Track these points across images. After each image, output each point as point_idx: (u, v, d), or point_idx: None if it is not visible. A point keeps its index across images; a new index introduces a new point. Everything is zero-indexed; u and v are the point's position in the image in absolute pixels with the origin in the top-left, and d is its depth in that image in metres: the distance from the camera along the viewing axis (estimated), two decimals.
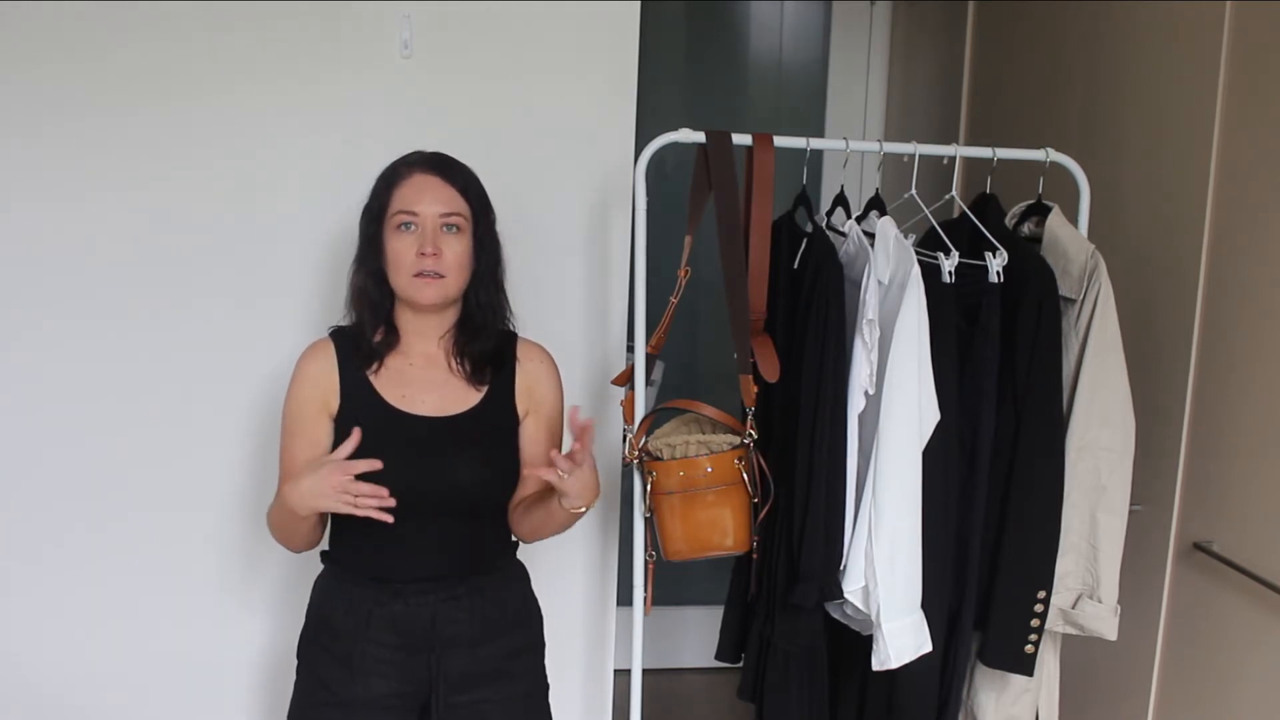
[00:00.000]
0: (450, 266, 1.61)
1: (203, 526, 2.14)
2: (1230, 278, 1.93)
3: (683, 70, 3.28)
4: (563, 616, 2.17)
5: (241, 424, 2.12)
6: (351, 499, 1.47)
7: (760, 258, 1.86)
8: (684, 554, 1.86)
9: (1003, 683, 1.98)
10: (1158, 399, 2.06)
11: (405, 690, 1.65)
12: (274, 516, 1.64)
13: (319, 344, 1.69)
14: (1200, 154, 1.98)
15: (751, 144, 1.88)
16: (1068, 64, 2.47)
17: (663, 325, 1.93)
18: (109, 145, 2.02)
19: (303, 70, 2.05)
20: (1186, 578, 2.03)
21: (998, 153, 1.99)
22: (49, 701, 2.13)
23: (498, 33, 2.10)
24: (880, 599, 1.78)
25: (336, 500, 1.47)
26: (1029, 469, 1.88)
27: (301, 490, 1.50)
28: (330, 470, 1.48)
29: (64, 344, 2.05)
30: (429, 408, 1.64)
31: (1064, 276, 1.91)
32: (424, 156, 1.66)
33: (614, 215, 2.19)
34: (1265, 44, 1.86)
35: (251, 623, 2.18)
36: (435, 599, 1.64)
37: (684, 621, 3.26)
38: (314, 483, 1.49)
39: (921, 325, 1.80)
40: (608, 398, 2.23)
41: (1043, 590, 1.87)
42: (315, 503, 1.50)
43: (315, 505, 1.51)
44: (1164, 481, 2.05)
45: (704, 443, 1.84)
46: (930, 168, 2.11)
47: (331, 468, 1.49)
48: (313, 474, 1.50)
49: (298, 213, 2.08)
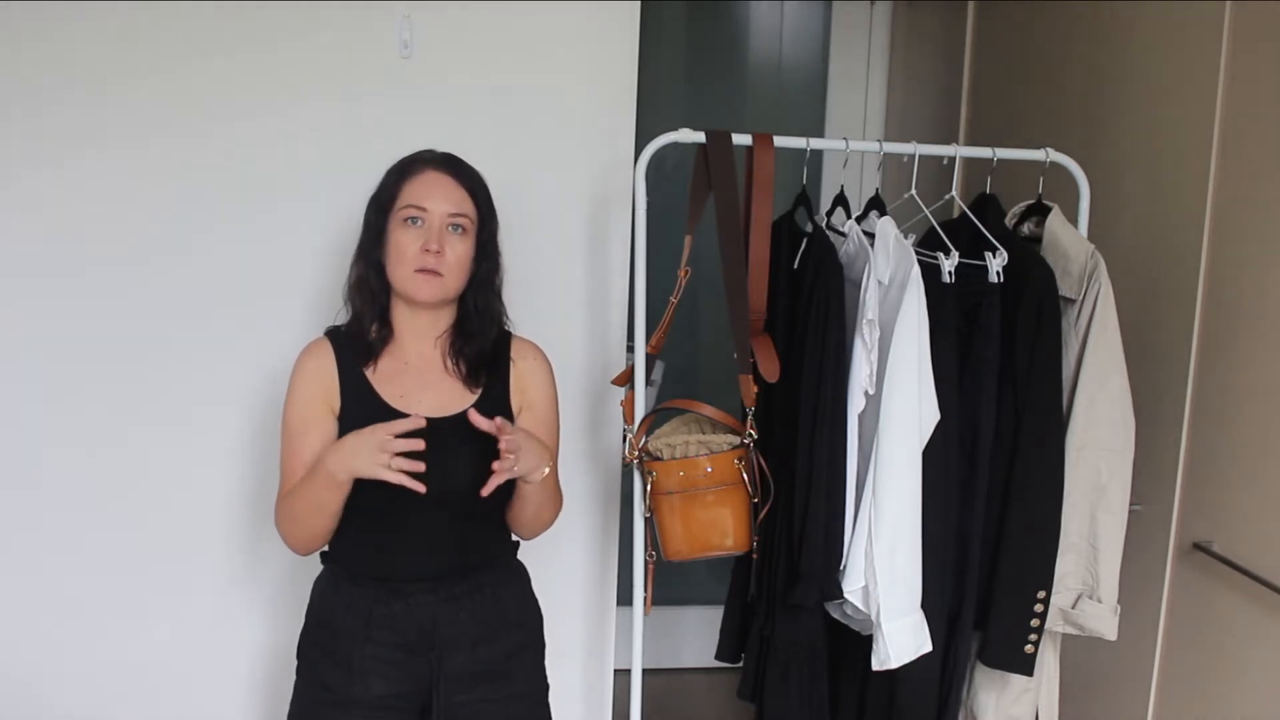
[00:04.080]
0: (451, 266, 1.62)
1: (203, 527, 2.14)
2: (1230, 277, 1.93)
3: (683, 70, 3.28)
4: (563, 616, 2.17)
5: (242, 424, 2.12)
6: (388, 459, 1.48)
7: (760, 258, 1.86)
8: (684, 554, 1.86)
9: (1003, 683, 1.98)
10: (1158, 399, 2.06)
11: (405, 690, 1.65)
12: (293, 504, 1.62)
13: (316, 344, 1.69)
14: (1200, 154, 1.98)
15: (751, 144, 1.88)
16: (1068, 64, 2.47)
17: (663, 325, 1.93)
18: (108, 145, 2.02)
19: (303, 70, 2.05)
20: (1186, 578, 2.03)
21: (998, 153, 1.99)
22: (50, 702, 2.13)
23: (498, 33, 2.10)
24: (880, 599, 1.78)
25: (373, 459, 1.48)
26: (1029, 469, 1.88)
27: (344, 449, 1.52)
28: (374, 429, 1.50)
29: (63, 344, 2.05)
30: (426, 407, 1.64)
31: (1064, 276, 1.91)
32: (438, 155, 1.68)
33: (614, 215, 2.19)
34: (1265, 44, 1.86)
35: (252, 623, 2.18)
36: (435, 599, 1.65)
37: (684, 621, 3.26)
38: (356, 440, 1.51)
39: (921, 325, 1.80)
40: (608, 398, 2.23)
41: (1042, 590, 1.87)
42: (354, 461, 1.50)
43: (353, 465, 1.51)
44: (1164, 481, 2.05)
45: (704, 443, 1.84)
46: (930, 168, 2.11)
47: (375, 427, 1.51)
48: (355, 435, 1.52)
49: (297, 212, 2.08)
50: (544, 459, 1.61)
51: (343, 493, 1.56)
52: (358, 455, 1.50)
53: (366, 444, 1.50)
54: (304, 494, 1.59)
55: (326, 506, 1.58)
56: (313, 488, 1.57)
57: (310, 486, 1.57)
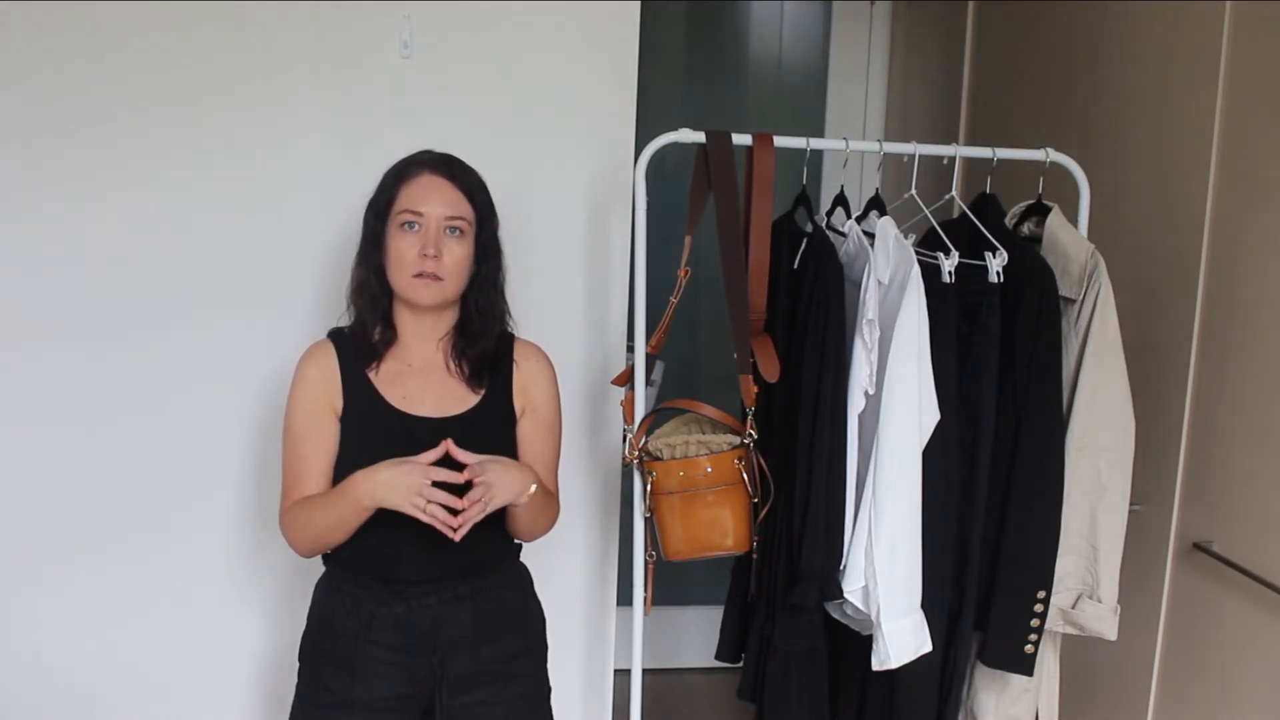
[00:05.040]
0: (450, 269, 1.61)
1: (205, 528, 2.14)
2: (1230, 278, 1.93)
3: (683, 70, 3.28)
4: (563, 617, 2.17)
5: (243, 426, 2.12)
6: (424, 503, 1.49)
7: (760, 258, 1.86)
8: (684, 554, 1.86)
9: (1003, 683, 1.98)
10: (1158, 399, 2.06)
11: (407, 692, 1.65)
12: (310, 517, 1.61)
13: (319, 346, 1.69)
14: (1200, 154, 1.98)
15: (751, 144, 1.88)
16: (1068, 64, 2.47)
17: (663, 325, 1.93)
18: (108, 146, 2.01)
19: (302, 70, 2.05)
20: (1186, 578, 2.03)
21: (998, 153, 1.99)
22: (51, 703, 2.13)
23: (498, 33, 2.10)
24: (880, 599, 1.78)
25: (408, 500, 1.49)
26: (1029, 469, 1.88)
27: (378, 480, 1.52)
28: (412, 469, 1.50)
29: (63, 345, 2.05)
30: (429, 409, 1.64)
31: (1064, 276, 1.91)
32: (434, 157, 1.67)
33: (614, 215, 2.19)
34: (1265, 44, 1.86)
35: (253, 625, 2.18)
36: (437, 600, 1.65)
37: (684, 621, 3.26)
38: (392, 476, 1.51)
39: (921, 325, 1.80)
40: (608, 398, 2.23)
41: (1042, 590, 1.87)
42: (387, 496, 1.51)
43: (385, 499, 1.51)
44: (1164, 481, 2.05)
45: (704, 443, 1.84)
46: (930, 168, 2.11)
47: (413, 466, 1.51)
48: (392, 468, 1.52)
49: (298, 213, 2.08)
50: (524, 483, 1.60)
51: (366, 516, 1.56)
52: (393, 491, 1.51)
53: (404, 483, 1.50)
54: (326, 511, 1.59)
55: (347, 525, 1.58)
56: (336, 508, 1.57)
57: (333, 506, 1.58)
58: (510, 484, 1.58)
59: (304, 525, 1.62)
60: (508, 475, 1.58)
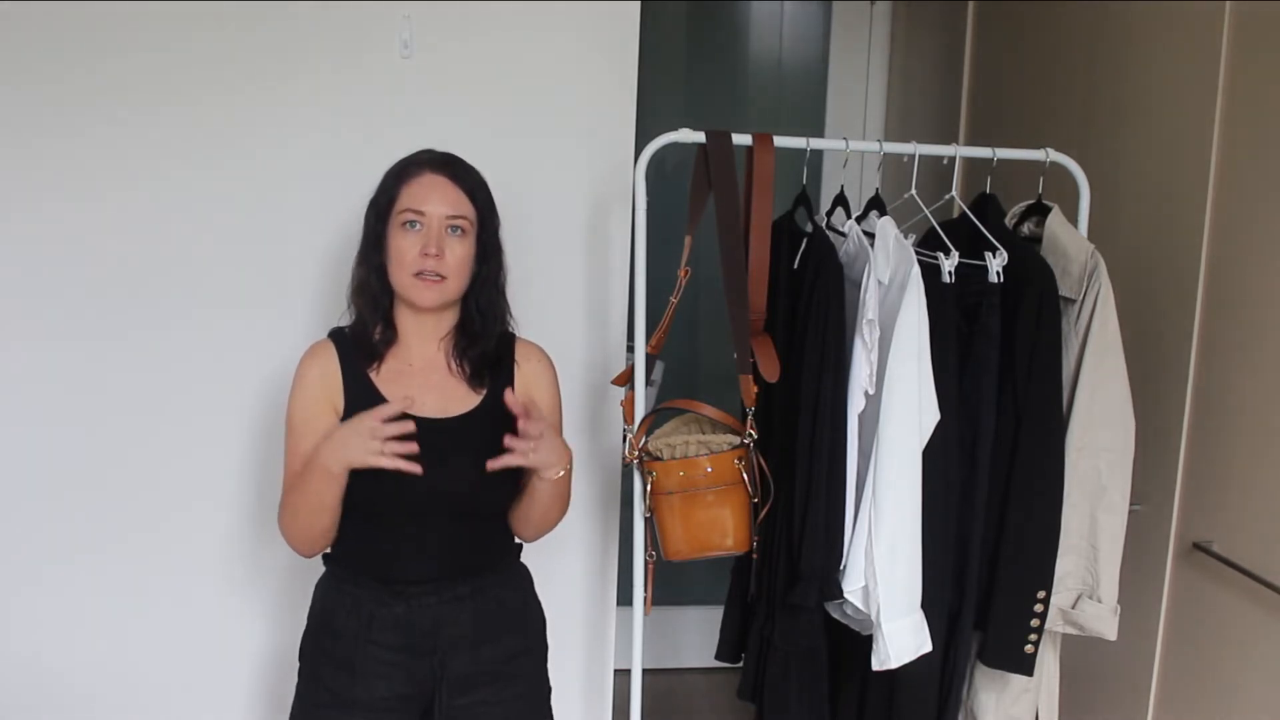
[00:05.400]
0: (451, 269, 1.61)
1: (205, 528, 2.14)
2: (1230, 278, 1.93)
3: (683, 70, 3.28)
4: (563, 617, 2.17)
5: (244, 425, 2.12)
6: (380, 445, 1.50)
7: (760, 258, 1.86)
8: (684, 554, 1.86)
9: (1003, 683, 1.98)
10: (1158, 399, 2.06)
11: (407, 692, 1.65)
12: (292, 501, 1.62)
13: (319, 345, 1.69)
14: (1200, 154, 1.98)
15: (751, 144, 1.88)
16: (1068, 64, 2.47)
17: (663, 325, 1.93)
18: (108, 146, 2.01)
19: (302, 71, 2.05)
20: (1186, 578, 2.03)
21: (998, 153, 1.99)
22: (51, 703, 2.13)
23: (498, 33, 2.10)
24: (880, 599, 1.78)
25: (365, 447, 1.50)
26: (1029, 469, 1.88)
27: (335, 441, 1.54)
28: (361, 417, 1.53)
29: (63, 345, 2.05)
30: (430, 409, 1.64)
31: (1064, 276, 1.91)
32: (435, 156, 1.66)
33: (614, 215, 2.19)
34: (1265, 44, 1.86)
35: (253, 625, 2.18)
36: (438, 600, 1.64)
37: (684, 621, 3.26)
38: (345, 431, 1.54)
39: (921, 325, 1.80)
40: (608, 398, 2.23)
41: (1042, 590, 1.87)
42: (346, 452, 1.52)
43: (345, 455, 1.52)
44: (1164, 481, 2.05)
45: (704, 443, 1.84)
46: (930, 168, 2.11)
47: (362, 415, 1.53)
48: (344, 425, 1.55)
49: (298, 213, 2.08)
50: (563, 458, 1.63)
51: (339, 485, 1.56)
52: (349, 445, 1.52)
53: (356, 433, 1.52)
54: (301, 490, 1.59)
55: (324, 501, 1.57)
56: (309, 483, 1.57)
57: (307, 482, 1.58)
58: (553, 450, 1.61)
59: (292, 513, 1.63)
60: (555, 442, 1.63)
